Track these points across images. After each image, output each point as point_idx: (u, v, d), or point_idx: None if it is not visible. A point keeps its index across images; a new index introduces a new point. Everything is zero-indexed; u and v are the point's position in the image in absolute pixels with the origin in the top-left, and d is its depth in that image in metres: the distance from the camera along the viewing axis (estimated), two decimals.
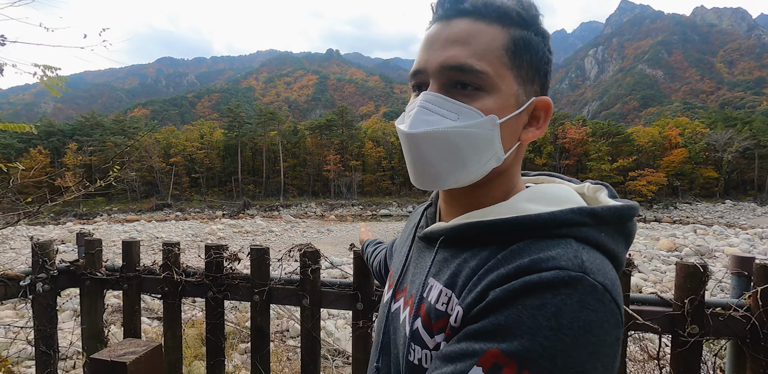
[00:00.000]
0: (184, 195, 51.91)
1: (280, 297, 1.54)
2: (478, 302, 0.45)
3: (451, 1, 0.53)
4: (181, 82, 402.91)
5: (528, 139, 0.56)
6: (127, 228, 27.60)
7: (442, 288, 0.53)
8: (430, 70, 0.53)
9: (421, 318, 0.54)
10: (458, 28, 0.52)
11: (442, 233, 0.58)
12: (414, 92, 0.58)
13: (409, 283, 0.63)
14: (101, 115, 66.84)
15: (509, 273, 0.44)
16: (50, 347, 1.72)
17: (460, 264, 0.52)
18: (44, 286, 1.70)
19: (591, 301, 0.41)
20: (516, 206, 0.53)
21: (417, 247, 0.67)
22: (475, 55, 0.51)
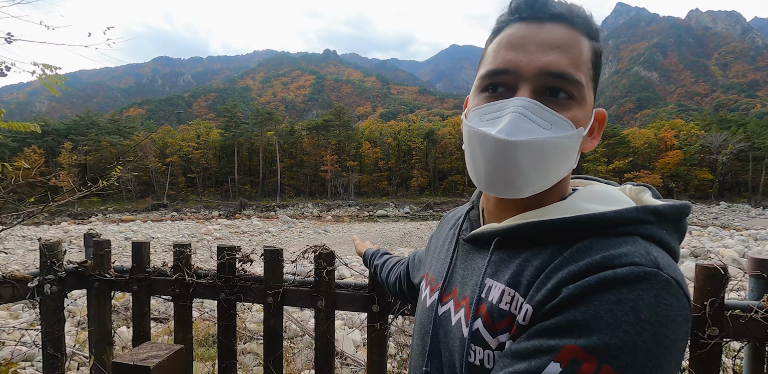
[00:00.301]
0: (180, 195, 51.69)
1: (294, 299, 1.53)
2: (549, 299, 0.45)
3: (543, 3, 0.52)
4: (177, 81, 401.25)
5: (587, 148, 0.57)
6: (123, 229, 27.43)
7: (504, 287, 0.52)
8: (523, 73, 0.51)
9: (482, 318, 0.53)
10: (557, 34, 0.51)
11: (496, 234, 0.57)
12: (485, 92, 0.56)
13: (459, 285, 0.62)
14: (96, 114, 66.45)
15: (581, 270, 0.44)
16: (58, 349, 1.69)
17: (522, 263, 0.52)
18: (52, 288, 1.67)
19: (666, 296, 0.41)
20: (575, 206, 0.53)
21: (463, 249, 0.66)
22: (573, 64, 0.51)
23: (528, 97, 0.51)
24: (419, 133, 60.79)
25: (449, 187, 57.14)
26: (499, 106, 0.52)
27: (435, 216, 41.01)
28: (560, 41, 0.51)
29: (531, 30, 0.52)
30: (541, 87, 0.51)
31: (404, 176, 58.52)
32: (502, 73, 0.53)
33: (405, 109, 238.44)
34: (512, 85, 0.53)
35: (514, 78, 0.52)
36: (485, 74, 0.55)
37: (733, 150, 46.42)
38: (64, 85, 4.16)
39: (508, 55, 0.52)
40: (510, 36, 0.53)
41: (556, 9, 0.52)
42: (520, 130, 0.49)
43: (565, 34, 0.51)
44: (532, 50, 0.51)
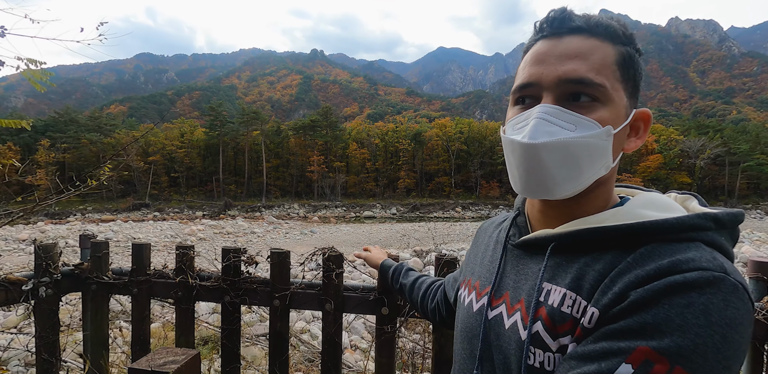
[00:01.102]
0: (163, 195, 50.66)
1: (301, 301, 1.51)
2: (617, 303, 0.46)
3: (561, 19, 0.57)
4: (160, 78, 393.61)
5: (631, 148, 0.59)
6: (103, 229, 26.74)
7: (565, 291, 0.53)
8: (544, 83, 0.56)
9: (542, 321, 0.54)
10: (574, 44, 0.55)
11: (552, 239, 0.58)
12: (517, 105, 0.61)
13: (511, 290, 0.63)
14: (76, 111, 64.67)
15: (649, 275, 0.46)
16: (52, 354, 1.64)
17: (582, 268, 0.53)
18: (47, 291, 1.62)
19: (734, 300, 0.42)
20: (634, 212, 0.54)
21: (512, 255, 0.67)
22: (593, 69, 0.54)
23: (550, 103, 0.55)
24: (406, 135, 60.93)
25: (436, 188, 57.41)
26: (526, 115, 0.57)
27: (422, 217, 41.16)
28: (578, 50, 0.55)
29: (551, 45, 0.57)
30: (563, 94, 0.55)
31: (391, 177, 58.56)
32: (528, 86, 0.58)
33: (392, 110, 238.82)
34: (537, 95, 0.57)
35: (538, 89, 0.57)
36: (515, 89, 0.60)
37: (710, 155, 47.85)
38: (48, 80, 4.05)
39: (532, 70, 0.57)
40: (534, 52, 0.59)
41: (575, 23, 0.56)
42: (542, 133, 0.53)
43: (582, 43, 0.55)
44: (551, 62, 0.56)
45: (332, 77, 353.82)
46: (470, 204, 48.37)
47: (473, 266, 0.78)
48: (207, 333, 4.30)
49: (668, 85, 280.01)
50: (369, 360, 3.51)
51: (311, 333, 5.57)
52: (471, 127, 61.26)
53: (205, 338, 4.23)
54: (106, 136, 52.85)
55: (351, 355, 4.52)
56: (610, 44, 0.56)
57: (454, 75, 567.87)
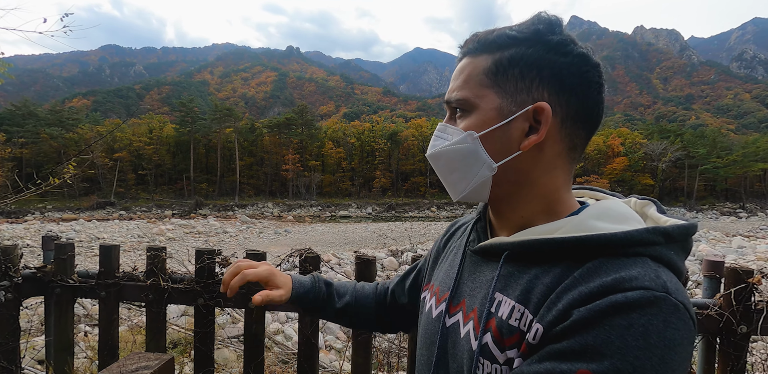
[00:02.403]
0: (130, 193, 48.73)
1: (276, 304, 1.50)
2: (560, 320, 0.46)
3: (462, 46, 0.63)
4: (127, 72, 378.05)
5: (527, 145, 0.56)
6: (64, 228, 25.49)
7: (514, 304, 0.53)
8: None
9: (492, 333, 0.54)
10: (456, 68, 0.62)
11: (506, 247, 0.58)
12: None
13: (468, 297, 0.63)
14: (35, 103, 61.27)
15: (592, 292, 0.45)
16: (12, 362, 1.56)
17: (531, 280, 0.53)
18: (7, 295, 1.54)
19: (674, 320, 0.43)
20: (585, 223, 0.54)
21: (471, 261, 0.67)
22: (458, 87, 0.60)
23: (445, 120, 0.63)
24: (383, 134, 61.03)
25: (411, 188, 57.80)
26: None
27: (397, 217, 41.35)
28: (456, 73, 0.62)
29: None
30: (451, 111, 0.62)
31: (367, 177, 58.54)
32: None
33: (369, 109, 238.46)
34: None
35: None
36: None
37: (671, 158, 50.31)
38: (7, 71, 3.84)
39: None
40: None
41: (465, 48, 0.62)
42: (431, 146, 0.63)
43: (461, 65, 0.62)
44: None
45: (308, 75, 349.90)
46: (445, 203, 48.96)
47: (437, 271, 0.77)
48: (176, 336, 4.18)
49: (633, 91, 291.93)
50: (344, 361, 3.51)
51: (285, 334, 5.51)
52: None
53: (175, 341, 4.12)
54: (68, 131, 50.36)
55: (326, 356, 4.51)
56: (486, 55, 0.58)
57: (431, 76, 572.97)
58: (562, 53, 0.56)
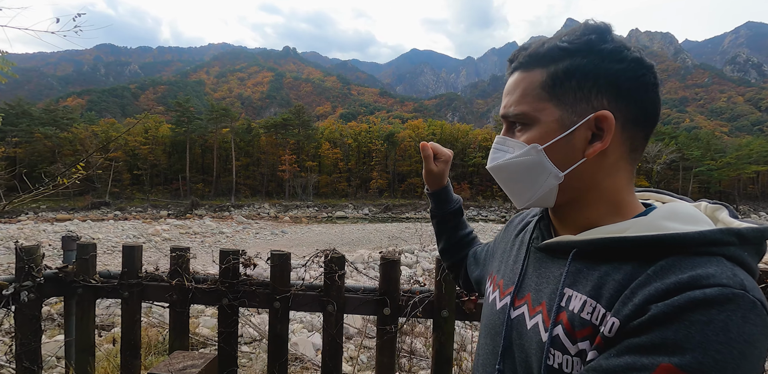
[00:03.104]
0: (125, 193, 48.35)
1: (301, 303, 1.51)
2: (637, 315, 0.48)
3: (511, 61, 0.66)
4: (122, 71, 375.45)
5: (591, 153, 0.59)
6: (58, 228, 25.26)
7: (585, 298, 0.56)
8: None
9: (563, 325, 0.57)
10: (509, 83, 0.65)
11: (574, 245, 0.61)
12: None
13: (533, 291, 0.67)
14: (29, 102, 60.65)
15: (669, 289, 0.47)
16: (34, 362, 1.56)
17: (602, 276, 0.56)
18: (30, 295, 1.54)
19: (752, 317, 0.44)
20: (656, 224, 0.55)
21: (535, 257, 0.71)
22: (515, 102, 0.62)
23: (502, 133, 0.66)
24: (379, 135, 61.04)
25: (408, 189, 57.81)
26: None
27: (394, 218, 41.34)
28: (508, 89, 0.65)
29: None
30: (508, 124, 0.66)
31: (364, 178, 58.48)
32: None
33: (365, 110, 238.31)
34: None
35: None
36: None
37: (666, 160, 50.70)
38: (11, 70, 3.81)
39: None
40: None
41: (515, 62, 0.65)
42: (492, 159, 0.66)
43: (513, 80, 0.64)
44: (502, 100, 0.67)
45: (305, 75, 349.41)
46: None
47: (499, 263, 0.82)
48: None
49: None
50: (346, 363, 3.50)
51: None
52: (443, 129, 62.17)
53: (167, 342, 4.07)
54: (63, 131, 49.90)
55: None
56: (540, 69, 0.61)
57: (427, 77, 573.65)
58: (617, 60, 0.57)
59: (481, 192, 55.01)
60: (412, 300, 1.46)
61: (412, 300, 1.46)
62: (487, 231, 27.66)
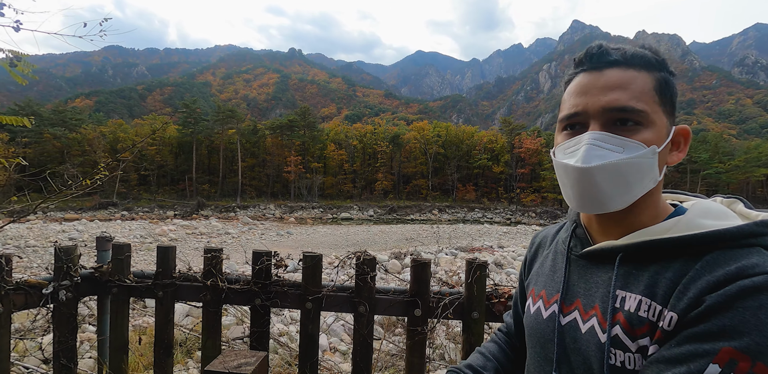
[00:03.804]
0: (132, 193, 48.73)
1: (332, 304, 1.54)
2: (693, 307, 0.52)
3: (600, 54, 0.65)
4: (130, 72, 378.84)
5: (673, 161, 0.67)
6: (66, 228, 25.56)
7: (640, 297, 0.59)
8: (591, 112, 0.64)
9: (621, 325, 0.60)
10: (614, 77, 0.63)
11: (619, 250, 0.64)
12: (565, 130, 0.69)
13: (583, 297, 0.69)
14: (38, 103, 61.36)
15: (719, 280, 0.52)
16: (71, 360, 1.60)
17: (653, 276, 0.60)
18: (67, 294, 1.58)
19: None
20: (695, 222, 0.60)
21: (578, 265, 0.73)
22: (634, 97, 0.61)
23: (598, 130, 0.63)
24: (384, 137, 61.07)
25: (413, 190, 57.79)
26: (575, 141, 0.65)
27: (399, 219, 41.33)
28: (617, 82, 0.62)
29: (592, 78, 0.65)
30: (609, 120, 0.63)
31: (369, 179, 58.53)
32: (575, 116, 0.66)
33: (370, 112, 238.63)
34: (584, 123, 0.65)
35: (585, 117, 0.65)
36: (562, 118, 0.68)
37: None
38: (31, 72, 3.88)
39: (577, 100, 0.65)
40: (577, 85, 0.67)
41: (612, 57, 0.64)
42: (593, 156, 0.61)
43: (621, 75, 0.63)
44: (595, 93, 0.63)
45: (310, 77, 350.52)
46: (447, 206, 48.95)
47: (536, 278, 0.84)
48: (181, 337, 4.18)
49: None
50: (348, 362, 3.53)
51: (290, 335, 5.50)
52: (449, 131, 62.05)
53: (179, 341, 4.12)
54: (71, 131, 50.42)
55: (331, 357, 4.50)
56: (646, 72, 0.63)
57: (432, 79, 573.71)
58: (675, 85, 0.66)
59: (486, 195, 54.88)
60: (442, 301, 1.48)
61: (442, 302, 1.48)
62: (493, 233, 27.62)
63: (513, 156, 53.29)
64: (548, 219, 42.11)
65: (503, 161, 54.58)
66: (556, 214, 42.54)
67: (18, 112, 50.52)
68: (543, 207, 46.95)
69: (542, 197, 49.26)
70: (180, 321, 4.95)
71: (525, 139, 53.05)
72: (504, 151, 55.09)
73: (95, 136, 49.62)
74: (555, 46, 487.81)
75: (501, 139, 57.57)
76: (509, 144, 54.29)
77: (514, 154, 53.20)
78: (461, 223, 37.23)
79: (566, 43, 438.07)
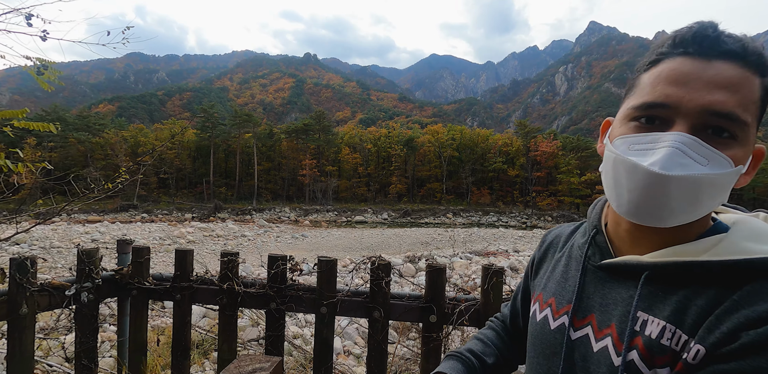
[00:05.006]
0: (152, 196, 49.85)
1: (347, 309, 1.54)
2: (726, 343, 0.46)
3: (714, 38, 0.52)
4: (150, 78, 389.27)
5: (740, 184, 0.55)
6: (89, 230, 26.24)
7: (665, 324, 0.53)
8: (684, 109, 0.51)
9: (638, 351, 0.54)
10: (726, 73, 0.50)
11: (645, 268, 0.57)
12: (635, 121, 0.56)
13: (598, 313, 0.62)
14: (63, 109, 63.49)
15: (761, 317, 0.45)
16: (92, 360, 1.63)
17: (682, 301, 0.53)
18: (89, 296, 1.62)
19: None
20: (739, 246, 0.52)
21: (595, 276, 0.65)
22: (741, 105, 0.50)
23: (686, 132, 0.51)
24: (399, 140, 61.12)
25: (427, 194, 57.59)
26: (651, 139, 0.53)
27: (413, 223, 41.20)
28: (730, 80, 0.50)
29: (697, 66, 0.51)
30: (701, 124, 0.51)
31: (383, 182, 58.58)
32: (660, 107, 0.53)
33: (384, 115, 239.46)
34: (668, 119, 0.53)
35: (672, 113, 0.52)
36: (640, 105, 0.55)
37: None
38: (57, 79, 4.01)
39: (669, 90, 0.52)
40: (672, 70, 0.53)
41: (728, 46, 0.51)
42: (676, 164, 0.49)
43: (735, 73, 0.50)
44: (697, 88, 0.51)
45: (325, 81, 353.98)
46: (461, 210, 48.60)
47: (545, 281, 0.78)
48: (197, 338, 4.23)
49: None
50: (362, 366, 3.51)
51: (303, 338, 5.52)
52: (463, 134, 61.75)
53: (196, 343, 4.17)
54: (95, 136, 51.98)
55: (344, 360, 4.49)
56: (759, 77, 0.51)
57: (447, 82, 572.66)
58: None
59: (501, 198, 54.28)
60: (458, 308, 1.47)
61: (458, 308, 1.46)
62: (508, 237, 27.29)
63: (528, 159, 52.67)
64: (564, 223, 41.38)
65: (518, 164, 53.97)
66: (572, 218, 41.75)
67: (45, 118, 52.33)
68: (560, 210, 46.18)
69: (558, 201, 48.47)
70: (197, 323, 5.02)
71: (541, 142, 52.38)
72: (519, 154, 54.48)
73: (117, 141, 51.03)
74: (571, 47, 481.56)
75: (516, 142, 56.98)
76: (525, 147, 53.67)
77: (529, 157, 52.57)
78: (476, 227, 36.88)
79: (582, 45, 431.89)
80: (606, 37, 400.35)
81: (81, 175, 11.83)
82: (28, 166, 1.96)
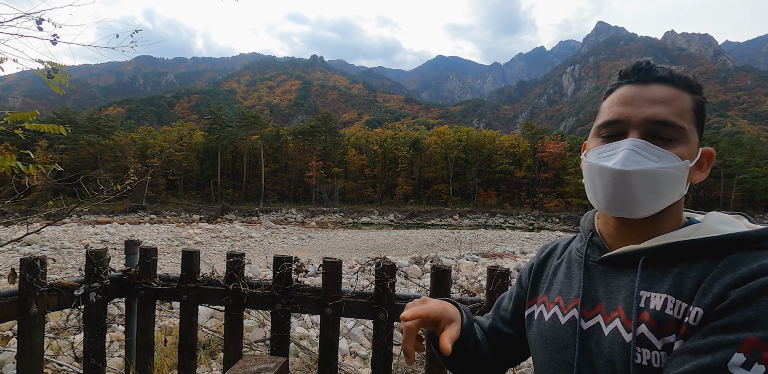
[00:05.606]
0: (160, 197, 50.30)
1: (352, 310, 1.54)
2: (718, 301, 0.56)
3: (648, 69, 0.69)
4: (159, 81, 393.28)
5: (696, 180, 0.72)
6: (99, 231, 26.54)
7: (666, 296, 0.62)
8: (632, 122, 0.67)
9: (647, 323, 0.62)
10: (660, 92, 0.67)
11: (641, 253, 0.68)
12: (600, 137, 0.72)
13: (605, 300, 0.71)
14: (74, 112, 64.42)
15: (743, 277, 0.55)
16: (100, 359, 1.65)
17: (677, 276, 0.63)
18: (97, 296, 1.63)
19: None
20: (714, 228, 0.65)
21: (597, 270, 0.75)
22: (675, 114, 0.66)
23: (641, 138, 0.66)
24: (405, 142, 61.08)
25: (434, 195, 57.45)
26: (613, 146, 0.68)
27: (419, 224, 41.11)
28: (663, 97, 0.67)
29: (638, 90, 0.68)
30: (648, 131, 0.66)
31: (389, 184, 58.56)
32: (616, 123, 0.69)
33: (391, 117, 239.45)
34: (623, 131, 0.68)
35: (625, 126, 0.68)
36: (602, 124, 0.71)
37: None
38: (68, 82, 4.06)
39: (620, 109, 0.69)
40: (621, 95, 0.70)
41: (659, 73, 0.68)
42: (632, 162, 0.64)
43: (667, 91, 0.67)
44: (640, 105, 0.67)
45: (331, 83, 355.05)
46: (467, 211, 48.39)
47: (548, 285, 0.84)
48: (204, 338, 4.25)
49: None
50: (368, 367, 3.50)
51: (310, 339, 5.52)
52: (469, 135, 61.57)
53: (203, 343, 4.19)
54: (104, 138, 52.62)
55: (351, 361, 4.48)
56: (688, 93, 0.68)
57: (453, 83, 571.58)
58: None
59: (508, 200, 53.98)
60: None
61: None
62: (515, 239, 27.11)
63: (536, 160, 52.34)
64: (572, 224, 41.02)
65: (525, 166, 53.67)
66: (579, 220, 41.38)
67: (56, 121, 53.07)
68: (567, 212, 45.79)
69: (566, 202, 48.10)
70: (204, 323, 5.04)
71: (548, 143, 52.08)
72: (526, 155, 54.18)
73: (126, 143, 51.61)
74: (579, 48, 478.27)
75: (523, 143, 56.68)
76: (532, 148, 53.37)
77: (536, 159, 52.25)
78: (482, 229, 36.71)
79: (590, 45, 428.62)
80: (614, 37, 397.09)
81: (91, 177, 11.97)
82: (40, 168, 1.99)
